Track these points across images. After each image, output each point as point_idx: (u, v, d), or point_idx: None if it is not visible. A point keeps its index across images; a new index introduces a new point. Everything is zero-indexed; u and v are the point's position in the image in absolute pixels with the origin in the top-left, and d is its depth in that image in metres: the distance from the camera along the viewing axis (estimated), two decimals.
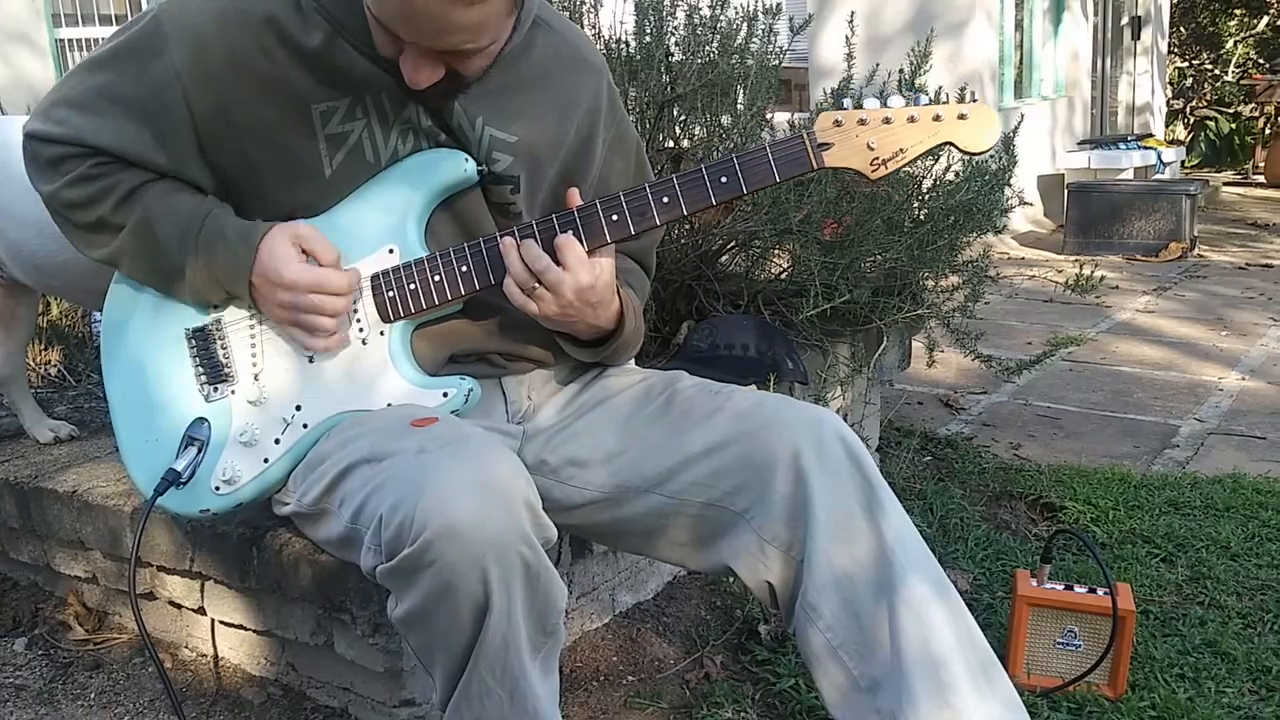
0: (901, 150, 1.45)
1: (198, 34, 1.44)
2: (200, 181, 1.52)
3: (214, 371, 1.54)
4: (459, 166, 1.50)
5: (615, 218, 1.46)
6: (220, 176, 1.52)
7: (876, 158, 1.45)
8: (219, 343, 1.54)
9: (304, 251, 1.46)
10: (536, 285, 1.44)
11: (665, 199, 1.46)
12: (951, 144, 1.46)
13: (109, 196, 1.49)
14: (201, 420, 1.53)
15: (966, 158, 2.70)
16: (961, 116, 1.45)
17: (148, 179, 1.50)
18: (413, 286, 1.50)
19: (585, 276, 1.45)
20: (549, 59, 1.57)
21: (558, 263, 1.44)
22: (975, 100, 1.46)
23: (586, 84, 1.62)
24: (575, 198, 1.49)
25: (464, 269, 1.49)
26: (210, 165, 1.50)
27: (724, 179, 1.45)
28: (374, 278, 1.51)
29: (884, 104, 1.45)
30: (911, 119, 1.44)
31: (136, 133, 1.47)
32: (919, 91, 1.49)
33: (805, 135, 1.45)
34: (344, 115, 1.47)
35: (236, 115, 1.46)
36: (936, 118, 1.45)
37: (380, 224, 1.51)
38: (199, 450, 1.51)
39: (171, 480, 1.48)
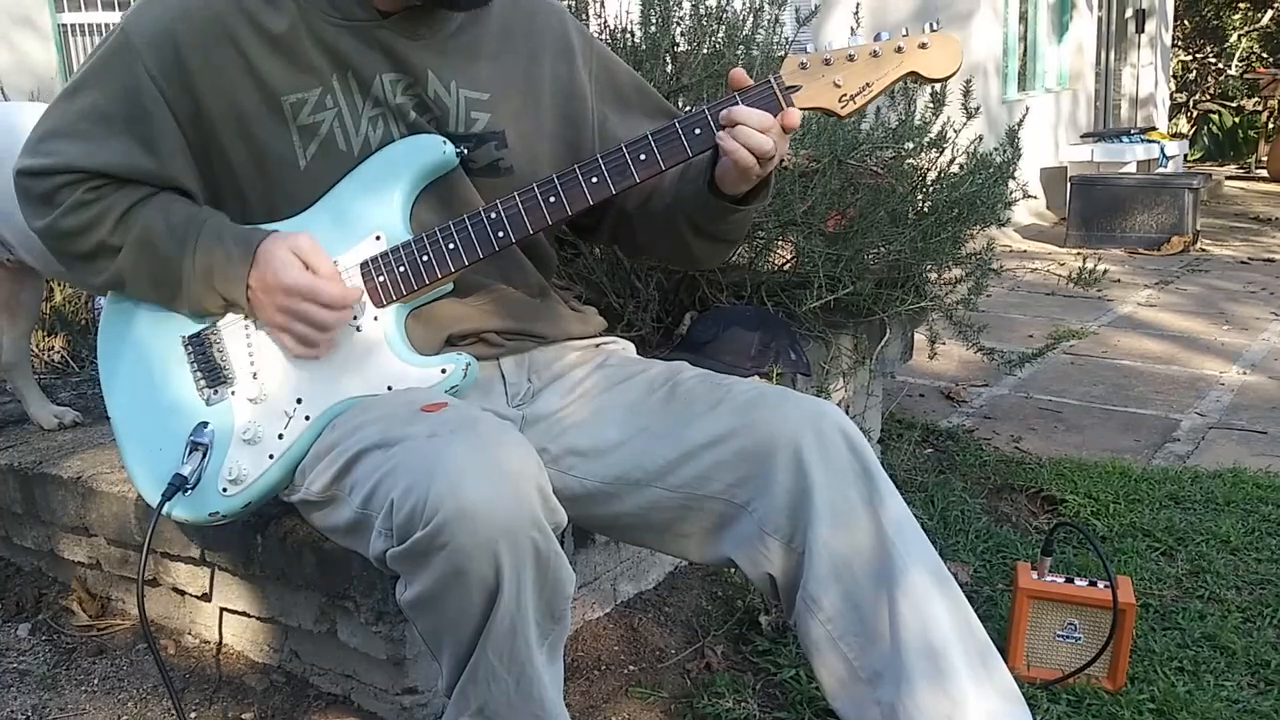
0: (868, 85, 1.47)
1: (166, 35, 1.47)
2: (191, 187, 1.54)
3: (212, 375, 1.54)
4: (438, 150, 1.52)
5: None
6: (207, 179, 1.54)
7: (844, 94, 1.47)
8: (215, 346, 1.55)
9: (303, 262, 1.47)
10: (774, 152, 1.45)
11: (642, 156, 1.48)
12: (916, 73, 1.48)
13: (106, 219, 1.51)
14: (204, 424, 1.53)
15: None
16: (923, 45, 1.47)
17: (142, 196, 1.52)
18: (402, 269, 1.51)
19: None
20: (507, 8, 1.62)
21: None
22: (935, 29, 1.47)
23: (548, 25, 1.65)
24: (743, 76, 1.48)
25: (451, 246, 1.50)
26: (199, 167, 1.53)
27: (698, 130, 1.47)
28: (363, 264, 1.52)
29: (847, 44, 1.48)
30: (874, 54, 1.46)
31: (125, 146, 1.49)
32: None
33: (773, 80, 1.47)
34: (314, 106, 1.50)
35: (214, 110, 1.49)
36: (898, 49, 1.47)
37: (364, 213, 1.52)
38: (203, 454, 1.51)
39: (178, 485, 1.49)
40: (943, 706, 1.37)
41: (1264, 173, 11.57)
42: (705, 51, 2.66)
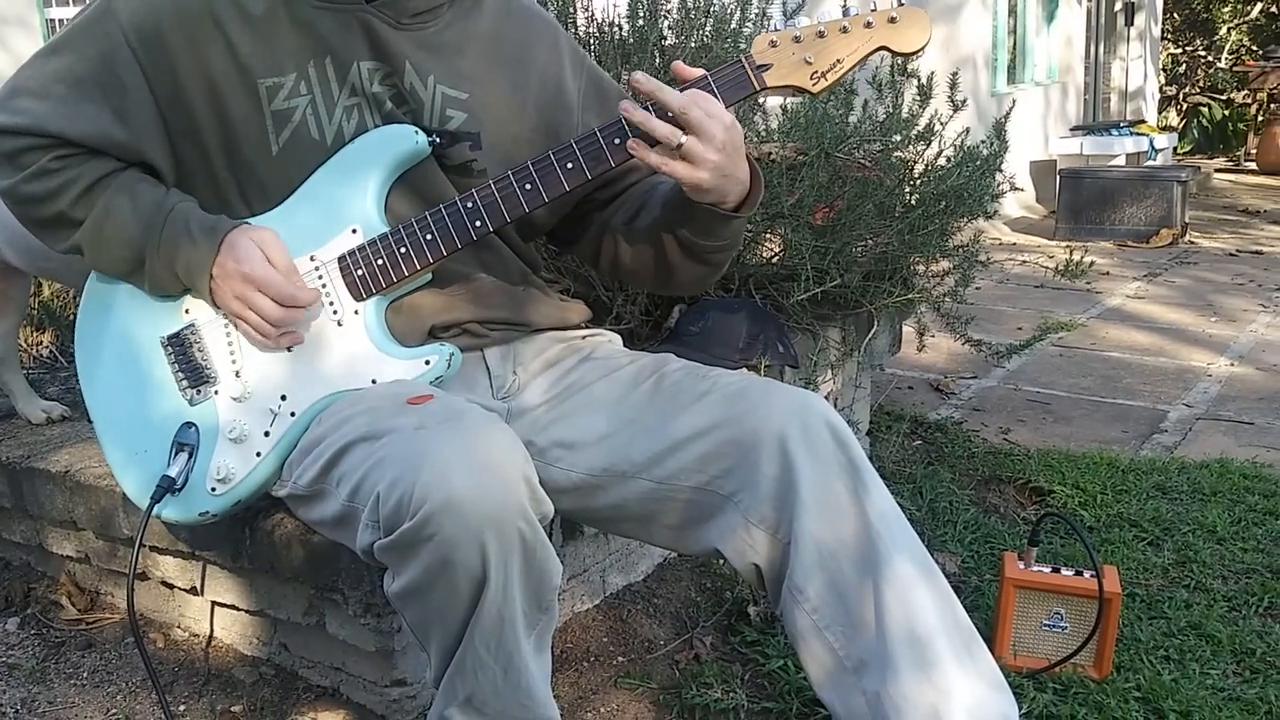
0: (839, 61, 1.48)
1: (150, 8, 1.46)
2: (160, 165, 1.53)
3: (194, 375, 1.54)
4: (409, 140, 1.51)
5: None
6: (179, 159, 1.53)
7: (815, 71, 1.48)
8: (195, 346, 1.55)
9: (264, 255, 1.47)
10: (684, 137, 1.41)
11: (617, 140, 1.48)
12: (886, 48, 1.49)
13: (69, 190, 1.50)
14: (189, 425, 1.53)
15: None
16: (892, 20, 1.48)
17: (109, 171, 1.51)
18: (380, 262, 1.51)
19: (727, 115, 1.44)
20: (500, 14, 1.61)
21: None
22: (903, 4, 1.48)
23: (540, 39, 1.64)
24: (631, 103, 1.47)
25: (429, 237, 1.50)
26: (172, 145, 1.52)
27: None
28: (340, 259, 1.52)
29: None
30: (844, 29, 1.48)
31: (97, 113, 1.48)
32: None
33: (744, 59, 1.48)
34: (289, 91, 1.49)
35: (191, 89, 1.48)
36: (868, 24, 1.48)
37: (339, 206, 1.52)
38: (190, 455, 1.51)
39: (167, 487, 1.49)
40: (928, 695, 1.38)
41: (1253, 165, 11.59)
42: (693, 45, 2.66)
